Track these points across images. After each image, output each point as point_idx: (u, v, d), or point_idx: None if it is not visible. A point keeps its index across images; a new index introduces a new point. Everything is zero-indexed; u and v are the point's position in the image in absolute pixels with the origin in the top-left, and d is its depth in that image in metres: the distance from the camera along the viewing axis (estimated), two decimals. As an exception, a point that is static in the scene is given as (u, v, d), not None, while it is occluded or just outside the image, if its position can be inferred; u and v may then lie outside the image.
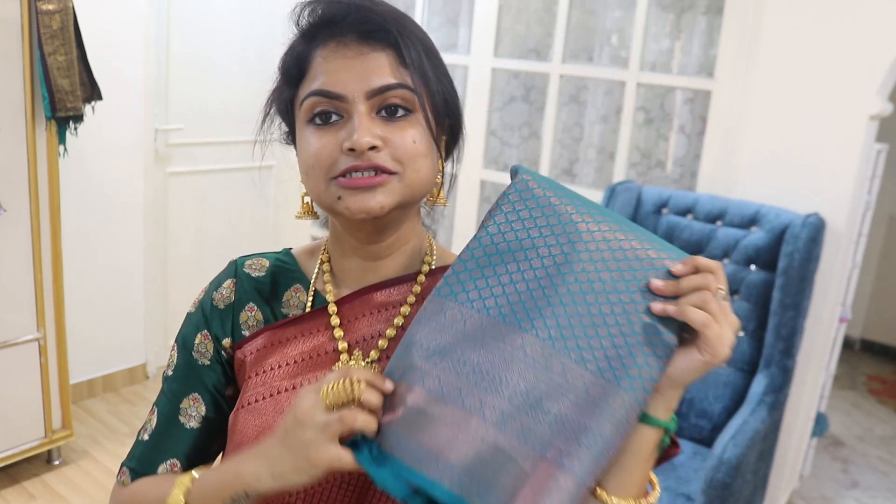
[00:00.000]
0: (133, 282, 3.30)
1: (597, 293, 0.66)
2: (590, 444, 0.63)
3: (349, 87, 0.71)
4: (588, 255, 0.67)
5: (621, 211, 2.56)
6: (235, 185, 3.66)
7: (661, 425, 0.68)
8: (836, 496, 2.99)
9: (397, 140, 0.71)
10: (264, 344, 0.79)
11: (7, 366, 2.48)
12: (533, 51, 3.24)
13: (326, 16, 0.74)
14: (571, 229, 0.68)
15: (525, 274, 0.67)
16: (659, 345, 0.65)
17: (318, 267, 0.83)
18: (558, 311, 0.66)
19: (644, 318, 0.65)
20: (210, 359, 0.82)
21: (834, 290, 2.48)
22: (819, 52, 2.36)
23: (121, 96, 3.04)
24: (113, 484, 0.88)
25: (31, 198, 2.44)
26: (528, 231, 0.69)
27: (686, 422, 2.46)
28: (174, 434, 0.83)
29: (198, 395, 0.82)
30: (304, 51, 0.75)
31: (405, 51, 0.73)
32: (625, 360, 0.65)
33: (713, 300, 0.64)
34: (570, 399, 0.64)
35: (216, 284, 0.85)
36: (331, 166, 0.72)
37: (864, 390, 4.12)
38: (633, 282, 0.66)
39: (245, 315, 0.82)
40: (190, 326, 0.84)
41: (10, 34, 2.26)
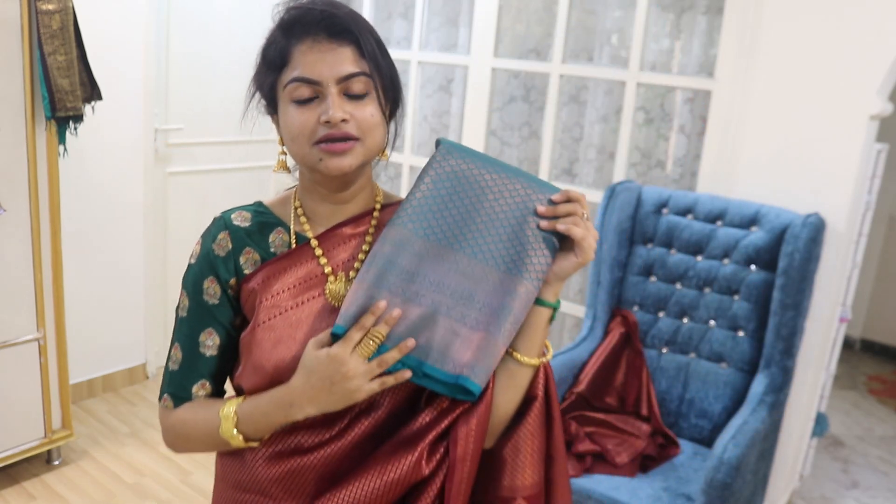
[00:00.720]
0: (133, 281, 3.30)
1: (501, 220, 0.97)
2: (506, 317, 0.94)
3: (324, 74, 0.93)
4: (493, 197, 0.98)
5: (621, 211, 2.56)
6: (235, 184, 3.66)
7: (551, 305, 0.98)
8: (836, 496, 2.99)
9: (359, 115, 0.95)
10: (266, 276, 1.00)
11: (7, 366, 2.48)
12: (533, 51, 3.24)
13: (302, 17, 0.95)
14: (481, 181, 0.99)
15: (452, 212, 0.97)
16: (546, 249, 0.96)
17: (294, 212, 1.04)
18: (476, 235, 0.97)
19: (535, 232, 0.96)
20: (218, 298, 1.01)
21: (834, 290, 2.48)
22: (819, 51, 2.36)
23: (121, 96, 3.04)
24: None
25: (31, 198, 2.44)
26: (452, 183, 0.99)
27: (686, 422, 2.46)
28: (198, 362, 1.02)
29: (211, 328, 1.02)
30: (285, 45, 0.96)
31: (363, 45, 0.95)
32: (524, 260, 0.95)
33: (581, 220, 0.94)
34: (491, 290, 0.95)
35: (212, 238, 1.02)
36: (311, 134, 0.94)
37: (865, 390, 4.12)
38: (525, 210, 0.97)
39: (244, 257, 1.01)
40: (195, 275, 1.02)
41: (9, 34, 2.26)
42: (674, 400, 2.49)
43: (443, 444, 0.95)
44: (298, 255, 1.01)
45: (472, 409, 0.94)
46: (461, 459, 0.93)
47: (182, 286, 1.04)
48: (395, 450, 0.94)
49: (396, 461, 0.93)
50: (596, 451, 2.24)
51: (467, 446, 0.93)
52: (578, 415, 2.38)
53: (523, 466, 0.99)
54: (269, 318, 0.98)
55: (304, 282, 1.00)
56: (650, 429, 2.35)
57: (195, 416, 1.01)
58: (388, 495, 0.93)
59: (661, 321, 2.55)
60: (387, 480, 0.92)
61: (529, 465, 0.99)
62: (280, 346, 0.96)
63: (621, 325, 2.55)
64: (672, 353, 2.53)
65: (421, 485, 0.94)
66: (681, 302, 2.52)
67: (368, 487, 0.93)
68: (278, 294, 0.99)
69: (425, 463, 0.93)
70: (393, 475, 0.93)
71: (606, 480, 2.15)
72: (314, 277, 1.00)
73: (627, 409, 2.46)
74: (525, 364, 0.97)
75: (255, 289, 1.00)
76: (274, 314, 0.98)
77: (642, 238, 2.60)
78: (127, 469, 2.77)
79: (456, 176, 0.99)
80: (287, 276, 1.00)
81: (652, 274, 2.58)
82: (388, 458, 0.94)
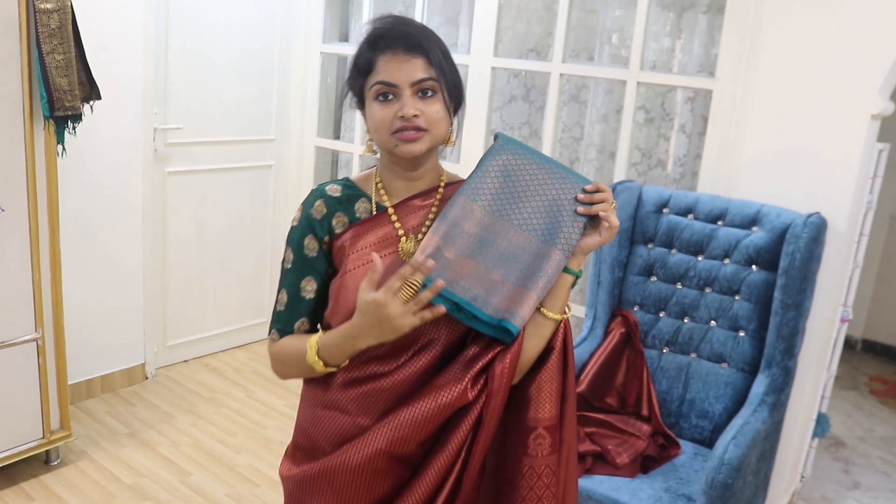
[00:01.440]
0: (132, 281, 3.29)
1: (543, 201, 1.22)
2: (541, 277, 1.19)
3: (400, 79, 1.19)
4: (538, 182, 1.23)
5: (622, 210, 2.55)
6: (234, 184, 3.66)
7: (574, 273, 1.23)
8: (837, 497, 2.98)
9: (428, 111, 1.20)
10: (353, 235, 1.26)
11: (5, 366, 2.47)
12: (533, 50, 3.23)
13: (385, 35, 1.21)
14: (530, 170, 1.24)
15: (506, 191, 1.23)
16: (578, 227, 1.21)
17: (375, 186, 1.30)
18: (523, 211, 1.22)
19: (570, 213, 1.21)
20: (316, 252, 1.27)
21: (835, 290, 2.47)
22: (820, 51, 2.35)
23: (119, 96, 3.03)
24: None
25: (30, 197, 2.43)
26: (506, 169, 1.24)
27: (687, 422, 2.45)
28: (300, 304, 1.28)
29: (310, 276, 1.28)
30: (371, 56, 1.22)
31: (432, 57, 1.20)
32: (559, 234, 1.20)
33: (610, 207, 1.20)
34: (530, 255, 1.20)
35: (310, 205, 1.29)
36: (390, 125, 1.20)
37: (866, 391, 4.11)
38: (564, 195, 1.22)
39: (336, 220, 1.28)
40: (298, 234, 1.28)
41: (8, 33, 2.26)
42: (674, 400, 2.48)
43: (483, 377, 1.19)
44: (378, 219, 1.27)
45: (507, 350, 1.18)
46: (497, 390, 1.17)
47: (287, 244, 1.29)
48: (448, 379, 1.19)
49: (448, 388, 1.17)
50: (596, 452, 2.23)
51: (502, 380, 1.17)
52: (578, 415, 2.36)
53: (544, 402, 1.24)
54: (355, 268, 1.24)
55: (382, 240, 1.26)
56: (651, 429, 2.34)
57: (291, 345, 1.26)
58: (440, 415, 1.18)
59: (662, 321, 2.55)
60: (440, 403, 1.17)
61: (548, 402, 1.24)
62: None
63: (622, 326, 2.55)
64: (673, 354, 2.52)
65: (465, 408, 1.18)
66: (681, 302, 2.51)
67: (425, 408, 1.17)
68: (362, 249, 1.25)
69: (470, 391, 1.17)
70: (444, 399, 1.17)
71: (607, 481, 2.15)
72: (390, 238, 1.26)
73: (628, 409, 2.45)
74: (550, 318, 1.22)
75: (343, 245, 1.26)
76: (358, 264, 1.24)
77: (643, 238, 2.59)
78: (126, 470, 2.76)
79: (510, 164, 1.24)
80: (369, 236, 1.26)
81: (652, 274, 2.57)
82: (441, 386, 1.18)
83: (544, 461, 1.23)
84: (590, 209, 1.21)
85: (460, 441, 1.19)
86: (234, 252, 3.72)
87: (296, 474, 1.30)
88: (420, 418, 1.17)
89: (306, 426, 1.32)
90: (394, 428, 1.18)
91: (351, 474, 1.21)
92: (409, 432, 1.18)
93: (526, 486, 1.23)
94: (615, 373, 2.50)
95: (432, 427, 1.19)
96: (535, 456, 1.23)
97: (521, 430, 1.24)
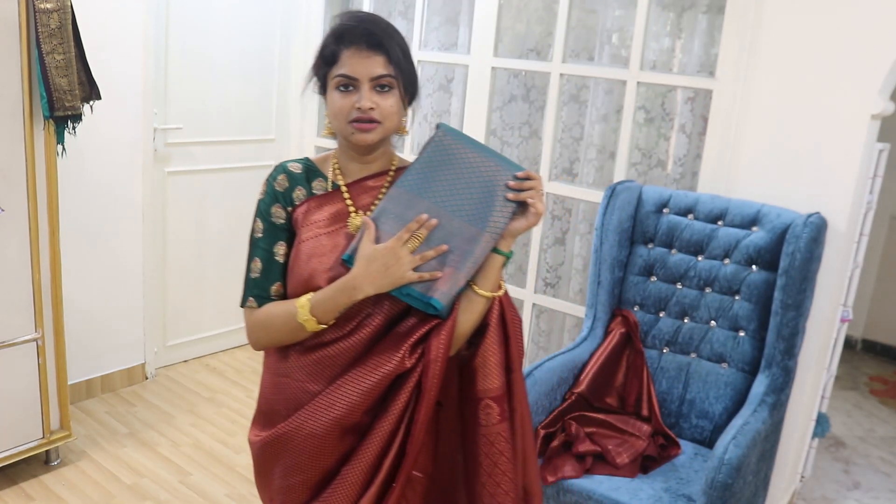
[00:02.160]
0: (132, 281, 3.29)
1: (476, 187, 1.30)
2: (468, 258, 1.28)
3: (360, 73, 1.30)
4: (472, 170, 1.31)
5: (622, 210, 2.55)
6: (234, 184, 3.65)
7: (504, 254, 1.32)
8: (837, 497, 2.98)
9: (383, 104, 1.31)
10: (308, 208, 1.36)
11: (5, 366, 2.47)
12: (533, 50, 3.23)
13: (351, 30, 1.30)
14: (466, 158, 1.32)
15: (442, 178, 1.31)
16: (505, 211, 1.29)
17: (332, 167, 1.41)
18: (457, 197, 1.30)
19: (500, 198, 1.29)
20: (284, 219, 1.37)
21: (835, 290, 2.47)
22: (821, 51, 2.35)
23: (119, 96, 3.03)
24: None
25: (30, 197, 2.43)
26: (444, 158, 1.32)
27: (687, 422, 2.45)
28: (274, 267, 1.37)
29: (282, 241, 1.37)
30: (336, 48, 1.32)
31: (391, 55, 1.31)
32: (488, 218, 1.29)
33: (539, 195, 1.29)
34: (462, 238, 1.28)
35: (274, 179, 1.39)
36: (347, 114, 1.31)
37: (866, 391, 4.11)
38: (496, 181, 1.30)
39: (296, 193, 1.38)
40: (266, 204, 1.38)
41: (8, 33, 2.25)
42: (674, 400, 2.48)
43: (420, 347, 1.29)
44: (333, 196, 1.38)
45: (443, 325, 1.29)
46: (434, 360, 1.28)
47: (256, 216, 1.38)
48: (387, 347, 1.30)
49: (388, 356, 1.28)
50: (596, 452, 2.23)
51: (438, 351, 1.28)
52: (579, 415, 2.37)
53: (489, 374, 1.34)
54: (308, 238, 1.34)
55: (334, 215, 1.36)
56: (651, 429, 2.34)
57: (277, 310, 1.33)
58: (382, 383, 1.28)
59: (662, 321, 2.54)
60: (382, 372, 1.28)
61: (493, 374, 1.34)
62: (313, 258, 1.33)
63: (622, 326, 2.55)
64: (673, 354, 2.52)
65: (404, 376, 1.29)
66: (681, 302, 2.51)
67: (369, 376, 1.28)
68: (316, 222, 1.35)
69: (408, 358, 1.28)
70: (385, 368, 1.28)
71: (607, 481, 2.15)
72: (342, 213, 1.37)
73: (628, 409, 2.45)
74: (480, 294, 1.31)
75: (299, 216, 1.36)
76: (310, 236, 1.34)
77: (643, 238, 2.59)
78: (125, 470, 2.76)
79: (448, 153, 1.32)
80: (322, 211, 1.36)
81: (652, 274, 2.57)
82: (381, 353, 1.29)
83: (495, 429, 1.34)
84: (518, 195, 1.29)
85: (401, 407, 1.29)
86: (234, 252, 3.71)
87: (261, 439, 1.40)
88: (366, 386, 1.28)
89: (267, 393, 1.42)
90: (341, 398, 1.29)
91: (306, 440, 1.31)
92: (357, 400, 1.28)
93: (482, 453, 1.35)
94: (615, 373, 2.49)
95: (377, 394, 1.29)
96: (486, 425, 1.34)
97: (472, 402, 1.35)
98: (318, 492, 1.35)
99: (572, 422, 2.33)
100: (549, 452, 2.25)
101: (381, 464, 1.30)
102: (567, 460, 2.21)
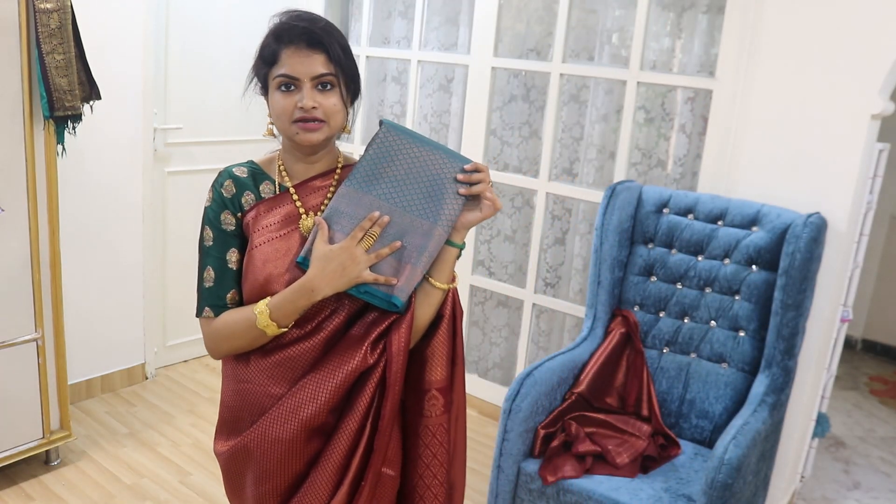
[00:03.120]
0: (132, 281, 3.29)
1: (425, 182, 1.30)
2: (423, 252, 1.29)
3: (301, 72, 1.28)
4: (420, 165, 1.30)
5: (622, 210, 2.55)
6: (235, 184, 3.65)
7: (457, 246, 1.32)
8: (837, 497, 2.98)
9: (326, 103, 1.29)
10: (257, 213, 1.34)
11: (5, 366, 2.47)
12: (533, 50, 3.23)
13: (290, 30, 1.28)
14: (412, 153, 1.31)
15: (390, 175, 1.30)
16: (457, 205, 1.29)
17: (278, 169, 1.39)
18: (407, 192, 1.30)
19: (450, 192, 1.29)
20: (234, 225, 1.35)
21: (835, 290, 2.47)
22: (821, 51, 2.35)
23: (119, 96, 3.03)
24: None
25: (30, 197, 2.43)
26: (391, 154, 1.31)
27: (687, 422, 2.45)
28: (227, 275, 1.35)
29: (234, 248, 1.35)
30: (276, 48, 1.30)
31: (331, 53, 1.29)
32: (440, 212, 1.29)
33: (488, 186, 1.29)
34: (416, 233, 1.29)
35: (220, 185, 1.36)
36: (290, 115, 1.29)
37: (866, 391, 4.11)
38: (444, 175, 1.29)
39: (244, 198, 1.36)
40: (214, 213, 1.36)
41: (8, 33, 2.25)
42: (674, 400, 2.48)
43: (381, 343, 1.30)
44: (281, 198, 1.36)
45: (402, 319, 1.30)
46: (396, 354, 1.28)
47: (204, 224, 1.37)
48: (349, 345, 1.30)
49: (351, 354, 1.28)
50: (596, 452, 2.23)
51: (399, 344, 1.28)
52: (578, 415, 2.37)
53: (436, 366, 1.35)
54: (261, 244, 1.32)
55: (285, 218, 1.34)
56: (651, 429, 2.34)
57: (235, 317, 1.31)
58: (346, 382, 1.28)
59: (662, 321, 2.54)
60: (346, 370, 1.28)
61: (440, 366, 1.35)
62: (268, 263, 1.31)
63: (622, 326, 2.54)
64: (673, 354, 2.52)
65: (367, 372, 1.29)
66: (681, 302, 2.51)
67: (332, 376, 1.28)
68: (267, 226, 1.33)
69: (370, 355, 1.29)
70: (349, 366, 1.28)
71: (607, 481, 2.15)
72: (292, 215, 1.35)
73: (628, 409, 2.45)
74: (437, 287, 1.32)
75: (249, 222, 1.34)
76: (263, 241, 1.32)
77: (643, 238, 2.59)
78: (125, 470, 2.76)
79: (394, 148, 1.31)
80: (273, 214, 1.34)
81: (652, 274, 2.57)
82: (343, 351, 1.30)
83: (437, 420, 1.36)
84: (469, 189, 1.28)
85: (366, 403, 1.29)
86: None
87: (227, 449, 1.38)
88: (331, 385, 1.28)
89: (230, 401, 1.40)
90: (306, 399, 1.28)
91: (273, 446, 1.30)
92: (322, 399, 1.28)
93: (422, 444, 1.36)
94: (615, 373, 2.49)
95: (342, 392, 1.29)
96: (430, 416, 1.35)
97: (417, 393, 1.36)
98: (288, 497, 1.33)
99: (572, 422, 2.33)
100: (549, 452, 2.25)
101: (349, 463, 1.30)
102: (567, 460, 2.21)
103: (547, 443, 2.28)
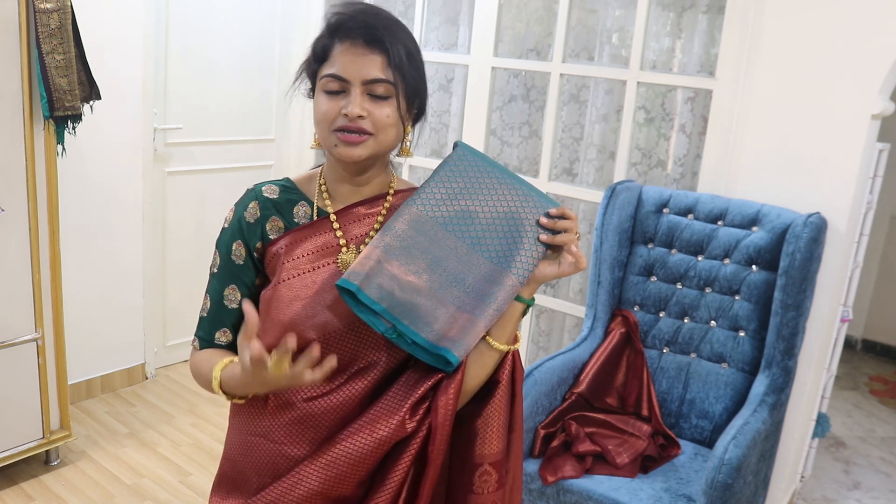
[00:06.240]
0: (132, 281, 3.29)
1: (501, 220, 1.11)
2: (490, 303, 1.07)
3: (352, 74, 1.07)
4: (497, 198, 1.11)
5: (622, 210, 2.55)
6: (234, 184, 3.65)
7: (527, 302, 1.13)
8: (837, 497, 2.98)
9: (377, 113, 1.08)
10: (289, 242, 1.14)
11: (5, 366, 2.47)
12: (533, 50, 3.23)
13: (346, 22, 1.09)
14: (489, 183, 1.12)
15: (461, 204, 1.11)
16: (536, 253, 1.10)
17: (318, 189, 1.18)
18: (478, 228, 1.10)
19: (530, 237, 1.10)
20: (244, 260, 1.16)
21: (835, 290, 2.47)
22: (821, 50, 2.35)
23: (119, 95, 3.03)
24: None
25: (30, 197, 2.43)
26: (464, 180, 1.12)
27: (687, 422, 2.45)
28: (222, 312, 1.18)
29: (235, 286, 1.17)
30: (329, 43, 1.11)
31: (392, 55, 1.08)
32: (515, 258, 1.09)
33: (574, 237, 1.09)
34: (481, 277, 1.08)
35: (244, 206, 1.17)
36: (332, 121, 1.09)
37: (866, 391, 4.11)
38: (525, 215, 1.11)
39: (270, 225, 1.16)
40: (228, 237, 1.17)
41: (8, 33, 2.25)
42: (674, 400, 2.48)
43: (422, 407, 1.09)
44: (319, 226, 1.15)
45: (449, 381, 1.08)
46: (442, 423, 1.08)
47: (216, 247, 1.19)
48: (384, 410, 1.08)
49: (384, 420, 1.07)
50: (596, 452, 2.23)
51: (446, 412, 1.08)
52: (579, 415, 2.37)
53: (492, 438, 1.14)
54: (289, 278, 1.12)
55: (321, 249, 1.14)
56: (651, 429, 2.34)
57: (204, 365, 1.16)
58: (377, 451, 1.07)
59: (662, 321, 2.54)
60: (377, 438, 1.07)
61: (496, 437, 1.15)
62: (296, 302, 1.10)
63: (622, 326, 2.54)
64: (673, 354, 2.52)
65: (404, 442, 1.08)
66: (681, 302, 2.51)
67: (361, 443, 1.07)
68: (298, 258, 1.13)
69: (409, 421, 1.08)
70: (381, 433, 1.07)
71: (607, 481, 2.15)
72: (330, 247, 1.14)
73: (628, 409, 2.45)
74: (495, 348, 1.11)
75: (278, 252, 1.14)
76: (293, 274, 1.12)
77: (643, 238, 2.59)
78: (125, 470, 2.76)
79: (469, 175, 1.12)
80: (307, 244, 1.14)
81: (652, 274, 2.57)
82: (377, 417, 1.08)
83: (490, 498, 1.15)
84: (553, 238, 1.09)
85: (400, 478, 1.08)
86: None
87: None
88: (356, 455, 1.07)
89: (235, 455, 1.20)
90: (328, 465, 1.07)
91: None
92: (345, 470, 1.07)
93: None
94: (615, 373, 2.49)
95: (370, 464, 1.08)
96: (481, 493, 1.14)
97: (467, 467, 1.15)
98: None
99: (572, 422, 2.33)
100: (549, 452, 2.25)
101: None
102: (567, 460, 2.21)
103: (547, 443, 2.28)
